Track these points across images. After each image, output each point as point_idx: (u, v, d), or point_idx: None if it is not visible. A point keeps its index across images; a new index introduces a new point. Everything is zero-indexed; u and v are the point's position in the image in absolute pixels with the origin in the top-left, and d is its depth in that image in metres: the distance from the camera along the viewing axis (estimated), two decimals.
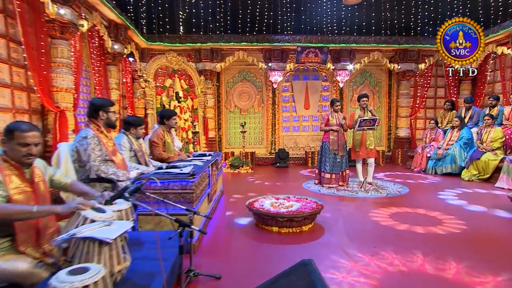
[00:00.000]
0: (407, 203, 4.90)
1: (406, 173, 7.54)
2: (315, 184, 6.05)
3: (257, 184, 6.44)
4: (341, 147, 5.63)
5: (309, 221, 3.83)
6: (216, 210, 4.57)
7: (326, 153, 5.66)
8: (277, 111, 9.71)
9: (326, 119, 5.68)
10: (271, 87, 9.47)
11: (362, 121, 5.24)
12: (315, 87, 9.74)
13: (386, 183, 6.35)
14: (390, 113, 9.99)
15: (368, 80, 9.86)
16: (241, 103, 9.64)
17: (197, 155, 5.08)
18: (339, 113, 5.76)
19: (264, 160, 9.45)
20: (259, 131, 9.81)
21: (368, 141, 5.54)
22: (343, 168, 5.72)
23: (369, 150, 5.52)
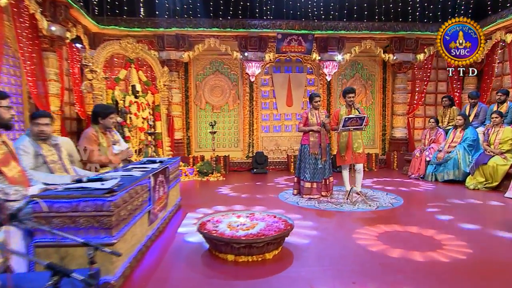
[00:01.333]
0: (400, 219, 4.55)
1: (402, 180, 7.37)
2: (293, 194, 5.79)
3: (226, 194, 6.17)
4: (323, 150, 5.39)
5: (274, 247, 3.33)
6: (165, 231, 4.10)
7: (305, 158, 5.39)
8: (255, 108, 9.49)
9: (304, 118, 5.43)
10: (248, 80, 9.22)
11: (347, 120, 4.91)
12: (298, 81, 9.50)
13: (378, 192, 6.11)
14: (385, 110, 9.83)
15: (359, 73, 9.71)
16: (213, 99, 9.35)
17: (145, 162, 4.55)
18: (321, 111, 5.54)
19: (240, 165, 9.19)
20: (234, 131, 9.54)
21: (355, 144, 5.25)
22: (326, 176, 5.49)
23: (357, 154, 5.23)
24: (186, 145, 9.20)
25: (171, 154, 8.07)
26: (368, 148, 9.53)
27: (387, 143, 9.81)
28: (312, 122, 5.41)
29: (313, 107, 5.44)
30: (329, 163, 5.54)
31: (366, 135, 9.80)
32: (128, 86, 7.35)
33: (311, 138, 5.34)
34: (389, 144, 9.75)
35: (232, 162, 9.14)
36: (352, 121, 4.90)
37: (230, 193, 6.31)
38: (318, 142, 5.40)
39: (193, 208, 5.13)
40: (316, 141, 5.38)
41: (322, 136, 5.40)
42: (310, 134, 5.36)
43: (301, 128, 5.43)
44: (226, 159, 8.88)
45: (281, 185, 6.87)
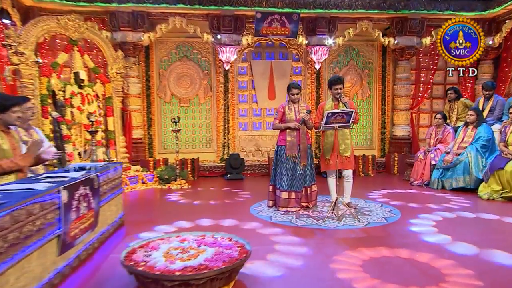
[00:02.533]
0: (393, 239, 4.19)
1: (403, 188, 7.18)
2: (268, 207, 5.56)
3: (187, 207, 5.87)
4: (303, 152, 5.21)
5: (221, 283, 2.86)
6: (91, 258, 3.57)
7: (281, 162, 5.23)
8: (231, 102, 9.31)
9: (281, 113, 5.26)
10: (222, 68, 8.98)
11: (331, 116, 4.66)
12: (282, 70, 9.33)
13: (371, 204, 5.85)
14: (384, 104, 9.69)
15: (354, 61, 9.61)
16: (181, 90, 9.10)
17: (69, 169, 4.02)
18: (301, 104, 5.34)
19: (213, 170, 8.99)
20: (206, 129, 9.32)
21: (342, 145, 5.08)
22: (307, 184, 5.32)
23: (344, 158, 5.09)
24: (148, 146, 8.92)
25: (127, 157, 7.76)
26: (364, 149, 9.50)
27: (387, 143, 9.72)
28: (290, 118, 5.23)
29: (291, 100, 5.24)
30: (312, 168, 5.37)
31: (362, 134, 9.74)
32: (69, 73, 6.90)
33: (288, 137, 5.16)
34: (389, 145, 9.67)
35: (203, 166, 8.96)
36: (337, 117, 4.66)
37: (192, 204, 6.05)
38: (296, 143, 5.21)
39: (145, 225, 4.81)
40: (294, 141, 5.19)
41: (301, 135, 5.22)
42: (287, 132, 5.19)
43: (276, 125, 5.27)
44: (194, 162, 8.60)
45: (258, 194, 6.63)
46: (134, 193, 6.97)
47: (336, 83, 4.97)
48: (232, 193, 6.97)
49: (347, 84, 9.37)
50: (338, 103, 5.05)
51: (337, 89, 4.97)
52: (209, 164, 9.03)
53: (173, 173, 7.73)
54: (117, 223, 4.56)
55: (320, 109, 5.19)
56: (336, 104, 5.07)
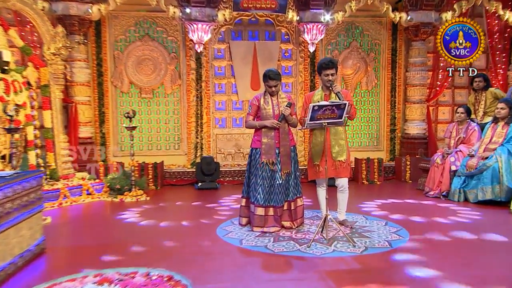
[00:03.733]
0: (397, 273, 3.82)
1: (415, 200, 7.05)
2: (240, 225, 5.36)
3: (142, 226, 5.60)
4: (285, 157, 5.07)
5: None
6: None
7: (256, 169, 5.10)
8: (205, 92, 9.00)
9: (255, 107, 5.16)
10: (194, 51, 8.63)
11: (317, 110, 4.47)
12: (269, 53, 9.07)
13: (374, 221, 5.63)
14: (395, 96, 9.47)
15: (357, 42, 9.37)
16: (142, 78, 8.81)
17: None
18: (282, 96, 5.21)
19: (182, 176, 8.68)
20: (173, 126, 9.07)
21: (336, 147, 5.03)
22: (291, 197, 5.16)
23: (339, 163, 5.04)
24: (102, 146, 8.52)
25: (71, 162, 7.40)
26: (369, 151, 9.33)
27: (397, 144, 9.56)
28: (266, 114, 5.07)
29: (268, 92, 5.10)
30: (297, 176, 5.25)
31: (367, 132, 9.53)
32: None
33: (264, 138, 5.04)
34: (400, 146, 9.52)
35: (169, 171, 8.63)
36: (326, 111, 4.52)
37: (148, 223, 5.71)
38: (275, 145, 5.05)
39: (76, 254, 4.49)
40: (272, 143, 5.04)
41: (282, 136, 5.06)
42: (263, 132, 5.06)
43: (250, 122, 5.18)
44: (157, 167, 8.24)
45: (234, 208, 6.43)
46: (74, 208, 6.59)
47: (326, 67, 4.87)
48: (199, 208, 6.73)
49: (348, 71, 9.20)
50: (330, 93, 4.95)
51: (327, 75, 4.87)
52: (177, 169, 8.72)
53: (127, 182, 7.33)
54: (32, 253, 4.19)
55: (306, 101, 5.12)
56: (327, 94, 4.98)
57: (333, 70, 4.87)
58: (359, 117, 9.18)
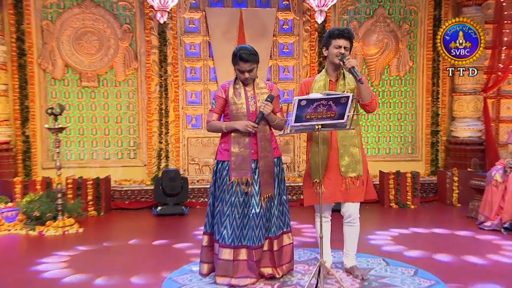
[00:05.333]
0: None
1: (465, 233, 6.53)
2: (201, 274, 4.99)
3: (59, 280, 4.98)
4: (265, 175, 4.74)
5: None
6: None
7: (223, 191, 4.77)
8: (173, 79, 8.38)
9: (221, 100, 4.82)
10: (156, 22, 7.98)
11: (305, 105, 4.17)
12: (260, 24, 8.50)
13: (397, 268, 5.15)
14: (437, 84, 8.78)
15: (385, 8, 8.69)
16: (83, 59, 8.10)
17: None
18: (260, 85, 4.83)
19: (139, 196, 7.96)
20: (127, 126, 8.39)
21: (345, 157, 4.65)
22: (274, 233, 4.81)
23: (349, 181, 4.65)
24: (22, 156, 7.95)
25: None
26: (401, 161, 8.59)
27: (441, 152, 8.86)
28: (238, 111, 4.71)
29: (240, 80, 4.73)
30: (283, 202, 4.86)
31: (397, 134, 8.83)
32: None
33: (234, 147, 4.70)
34: (444, 154, 8.83)
35: (120, 190, 7.93)
36: (319, 107, 4.19)
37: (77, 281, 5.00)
38: (249, 157, 4.68)
39: None
40: (246, 154, 4.69)
41: (260, 143, 4.68)
42: (232, 138, 4.69)
43: (213, 123, 4.84)
44: (101, 185, 7.53)
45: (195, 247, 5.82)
46: None
47: (339, 35, 4.44)
48: (165, 250, 5.99)
49: (371, 50, 8.54)
50: (338, 78, 4.54)
51: (339, 47, 4.41)
52: (131, 187, 8.02)
53: (50, 207, 6.71)
54: None
55: (302, 90, 4.74)
56: (333, 81, 4.55)
57: (347, 42, 4.40)
58: (387, 114, 8.58)
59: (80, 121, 7.84)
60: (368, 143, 8.34)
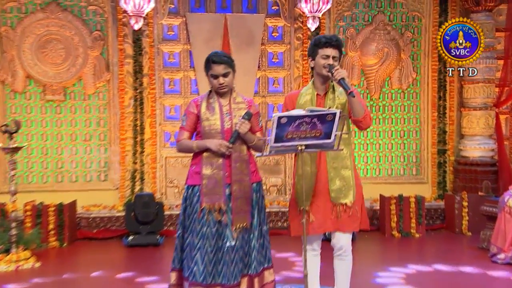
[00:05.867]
0: None
1: (475, 268, 6.40)
2: None
3: None
4: (240, 202, 4.70)
5: None
6: None
7: (193, 221, 4.71)
8: (149, 92, 8.18)
9: (192, 117, 4.78)
10: (130, 28, 7.79)
11: (286, 123, 4.03)
12: (247, 32, 8.40)
13: None
14: (444, 98, 8.64)
15: (385, 14, 8.57)
16: (47, 69, 7.87)
17: None
18: (237, 99, 4.76)
19: (110, 224, 7.82)
20: (98, 145, 8.16)
21: (336, 181, 4.57)
22: (254, 269, 4.71)
23: (340, 209, 4.54)
24: None
25: None
26: (404, 184, 8.38)
27: (449, 173, 8.69)
28: (211, 128, 4.63)
29: (214, 91, 4.65)
30: (263, 233, 4.82)
31: (401, 153, 8.63)
32: None
33: (207, 168, 4.63)
34: (453, 175, 8.63)
35: (88, 217, 7.71)
36: (302, 125, 4.05)
37: None
38: (223, 181, 4.61)
39: None
40: (220, 177, 4.63)
41: (235, 165, 4.63)
42: (205, 158, 4.63)
43: (184, 142, 4.70)
44: (64, 211, 7.29)
45: None
46: None
47: (326, 44, 4.35)
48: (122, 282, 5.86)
49: (369, 60, 8.37)
50: (326, 93, 4.44)
51: (327, 57, 4.30)
52: (100, 213, 7.78)
53: (3, 238, 6.54)
54: None
55: (287, 104, 4.66)
56: (321, 96, 4.45)
57: (336, 51, 4.27)
58: (388, 131, 8.41)
59: (43, 139, 7.58)
60: (368, 164, 8.17)
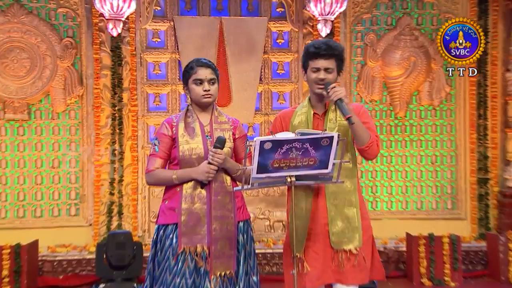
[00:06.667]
0: None
1: None
2: None
3: None
4: (222, 243, 4.43)
5: None
6: None
7: (165, 270, 4.32)
8: (130, 110, 7.85)
9: (166, 140, 4.46)
10: (108, 36, 7.59)
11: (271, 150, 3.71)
12: (247, 38, 8.15)
13: None
14: (485, 116, 8.20)
15: (412, 17, 8.26)
16: (8, 83, 7.59)
17: None
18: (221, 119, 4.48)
19: (80, 268, 7.37)
20: (68, 172, 7.74)
21: (337, 221, 4.13)
22: None
23: (343, 256, 4.10)
24: None
25: None
26: (435, 220, 7.92)
27: (492, 207, 8.14)
28: (192, 154, 4.33)
29: (196, 104, 4.33)
30: (251, 284, 4.49)
31: (432, 183, 8.15)
32: None
33: (185, 202, 4.28)
34: (497, 210, 8.10)
35: (53, 260, 7.27)
36: (291, 151, 3.72)
37: None
38: (206, 216, 4.32)
39: None
40: (203, 212, 4.28)
41: (215, 197, 4.31)
42: (184, 190, 4.29)
43: (158, 173, 4.37)
44: (22, 254, 6.94)
45: None
46: None
47: (316, 54, 3.91)
48: None
49: (393, 71, 8.04)
50: (325, 112, 4.03)
51: (317, 70, 3.87)
52: (68, 255, 7.29)
53: None
54: None
55: (276, 125, 4.29)
56: (318, 115, 4.04)
57: (331, 62, 3.77)
58: (417, 156, 7.95)
59: (2, 166, 7.13)
60: (392, 195, 7.58)
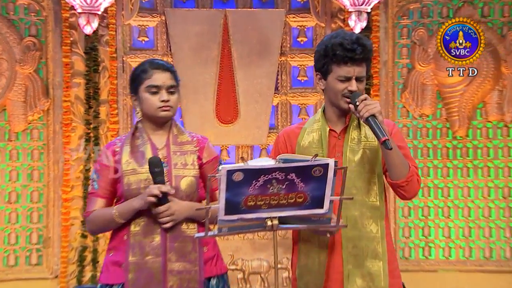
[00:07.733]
0: None
1: None
2: None
3: None
4: None
5: None
6: None
7: None
8: (108, 130, 7.73)
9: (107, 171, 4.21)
10: (81, 34, 7.29)
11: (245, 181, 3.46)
12: (259, 37, 7.82)
13: None
14: None
15: (473, 9, 8.37)
16: None
17: None
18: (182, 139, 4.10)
19: None
20: (29, 208, 7.50)
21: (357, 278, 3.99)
22: None
23: None
24: None
25: None
26: (507, 274, 7.31)
27: None
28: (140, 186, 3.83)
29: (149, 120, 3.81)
30: None
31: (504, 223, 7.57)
32: None
33: (132, 254, 4.08)
34: None
35: None
36: (271, 183, 3.38)
37: None
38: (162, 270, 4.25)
39: None
40: (157, 266, 4.16)
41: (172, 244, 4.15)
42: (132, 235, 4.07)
43: (97, 215, 3.83)
44: None
45: None
46: None
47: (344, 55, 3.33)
48: None
49: (452, 76, 8.16)
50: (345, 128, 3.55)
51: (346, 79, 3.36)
52: None
53: None
54: None
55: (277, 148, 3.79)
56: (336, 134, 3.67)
57: (364, 68, 3.26)
58: (484, 188, 7.31)
59: None
60: (450, 239, 6.83)
